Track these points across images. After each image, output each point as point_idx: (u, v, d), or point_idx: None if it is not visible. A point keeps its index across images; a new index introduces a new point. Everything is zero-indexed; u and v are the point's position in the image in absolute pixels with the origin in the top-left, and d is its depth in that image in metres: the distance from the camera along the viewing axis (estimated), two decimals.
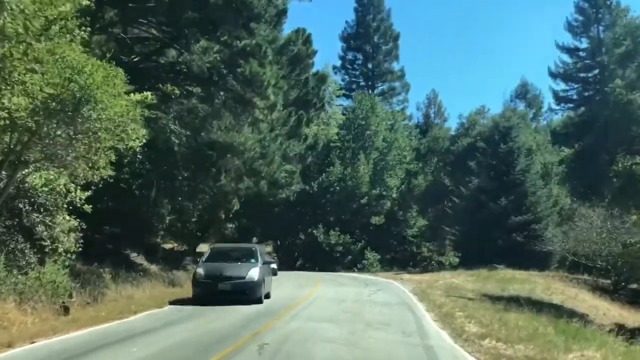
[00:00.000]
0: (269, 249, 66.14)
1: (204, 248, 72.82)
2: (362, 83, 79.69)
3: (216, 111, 27.88)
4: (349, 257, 57.33)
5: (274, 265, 28.72)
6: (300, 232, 59.41)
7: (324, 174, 58.80)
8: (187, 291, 22.90)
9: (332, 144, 60.95)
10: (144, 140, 16.50)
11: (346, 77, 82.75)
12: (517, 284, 33.58)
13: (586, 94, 72.03)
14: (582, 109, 73.08)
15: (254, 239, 72.73)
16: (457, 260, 56.72)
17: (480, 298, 25.35)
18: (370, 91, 73.17)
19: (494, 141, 48.76)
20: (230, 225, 73.22)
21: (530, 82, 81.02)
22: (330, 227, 57.05)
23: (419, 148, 61.46)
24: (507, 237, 45.82)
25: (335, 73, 78.40)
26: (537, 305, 24.84)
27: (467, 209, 48.61)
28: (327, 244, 56.38)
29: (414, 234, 60.11)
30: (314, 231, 56.82)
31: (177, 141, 27.41)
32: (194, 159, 27.63)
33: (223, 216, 52.74)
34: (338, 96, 76.73)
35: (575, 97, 74.66)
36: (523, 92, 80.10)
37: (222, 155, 27.11)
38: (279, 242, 65.35)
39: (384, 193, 60.05)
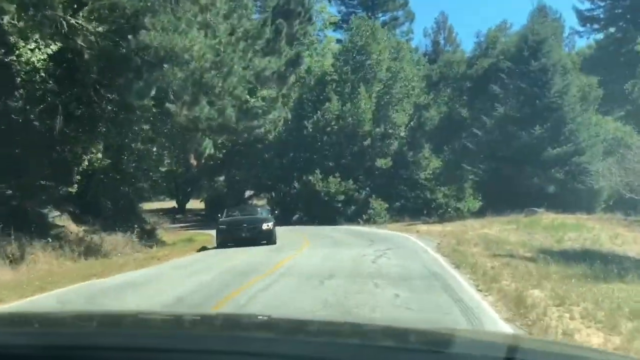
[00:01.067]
0: (263, 202, 58.14)
1: (196, 204, 64.29)
2: (361, 13, 70.33)
3: (149, 6, 19.39)
4: (352, 207, 49.11)
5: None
6: (295, 181, 51.04)
7: (319, 112, 50.16)
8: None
9: (327, 77, 52.13)
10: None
11: (342, 7, 73.60)
12: (572, 232, 25.22)
13: (616, 11, 63.11)
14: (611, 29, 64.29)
15: (247, 193, 64.85)
16: (478, 204, 48.77)
17: (541, 257, 16.93)
18: None
19: (522, 59, 39.84)
20: (220, 178, 65.26)
21: (549, 4, 71.42)
22: (328, 173, 48.70)
23: (430, 75, 52.49)
24: (544, 173, 37.34)
25: (330, 2, 69.22)
26: (622, 264, 16.38)
27: (492, 142, 39.91)
28: (326, 192, 48.11)
29: (426, 178, 51.67)
30: (310, 178, 48.45)
31: (90, 51, 19.00)
32: (118, 71, 19.17)
33: (195, 162, 44.48)
34: (334, 30, 67.86)
35: (602, 16, 65.82)
36: (541, 17, 70.47)
37: (155, 65, 18.60)
38: (273, 195, 57.11)
39: (390, 131, 51.46)
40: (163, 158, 35.63)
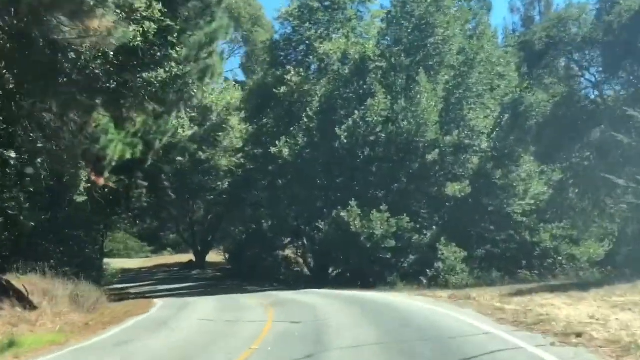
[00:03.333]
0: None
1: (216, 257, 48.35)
2: None
3: None
4: (410, 257, 31.72)
5: None
6: (321, 219, 33.88)
7: (357, 113, 33.05)
8: None
9: (370, 63, 35.03)
10: None
11: None
12: None
13: None
14: None
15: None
16: (602, 250, 31.38)
17: None
18: None
19: None
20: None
21: None
22: (372, 206, 31.42)
23: (531, 41, 34.55)
24: None
25: None
26: None
27: None
28: (367, 236, 30.73)
29: (525, 211, 33.57)
30: (343, 214, 31.19)
31: None
32: None
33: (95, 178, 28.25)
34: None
35: None
36: None
37: None
38: (305, 242, 40.00)
39: (467, 141, 33.79)
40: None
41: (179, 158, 34.39)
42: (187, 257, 60.59)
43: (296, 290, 30.65)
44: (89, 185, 23.40)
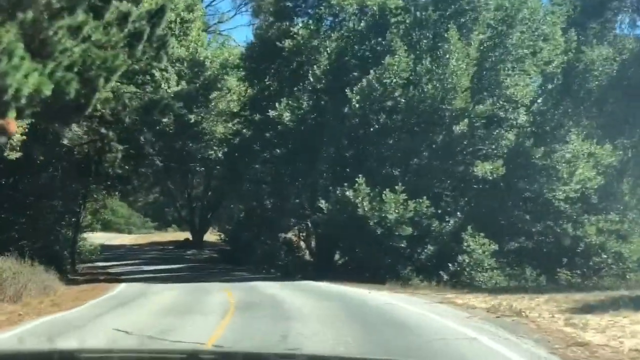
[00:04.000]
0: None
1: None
2: None
3: None
4: (428, 247, 26.54)
5: None
6: (326, 196, 28.53)
7: (372, 72, 27.57)
8: None
9: (389, 16, 29.45)
10: None
11: None
12: None
13: None
14: None
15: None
16: None
17: None
18: None
19: None
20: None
21: None
22: (385, 185, 26.14)
23: None
24: None
25: None
26: None
27: None
28: (378, 220, 25.52)
29: (568, 197, 28.11)
30: (349, 193, 25.91)
31: None
32: None
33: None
34: None
35: None
36: None
37: None
38: (309, 224, 34.92)
39: (501, 114, 28.31)
40: None
41: (164, 120, 29.14)
42: (187, 235, 55.72)
43: (290, 280, 25.53)
44: (25, 137, 18.25)
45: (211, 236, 51.87)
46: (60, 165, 29.10)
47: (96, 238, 64.66)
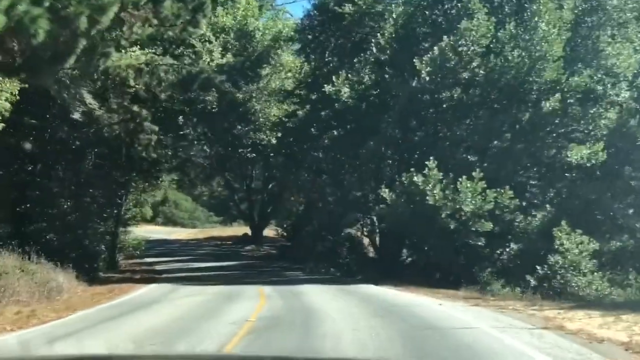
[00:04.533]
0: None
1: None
2: None
3: None
4: (511, 246, 22.26)
5: None
6: (391, 184, 24.49)
7: (446, 40, 23.36)
8: None
9: None
10: None
11: None
12: None
13: None
14: None
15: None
16: None
17: None
18: None
19: None
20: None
21: None
22: (460, 172, 22.03)
23: None
24: None
25: None
26: None
27: None
28: (451, 212, 21.45)
29: None
30: (416, 179, 21.86)
31: None
32: None
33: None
34: None
35: None
36: None
37: None
38: (374, 219, 31.09)
39: (600, 88, 23.74)
40: None
41: (208, 98, 25.66)
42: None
43: (349, 284, 21.68)
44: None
45: (271, 231, 48.49)
46: (93, 151, 26.02)
47: (154, 232, 62.77)
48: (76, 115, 19.22)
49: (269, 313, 13.07)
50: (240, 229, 58.04)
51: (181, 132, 25.57)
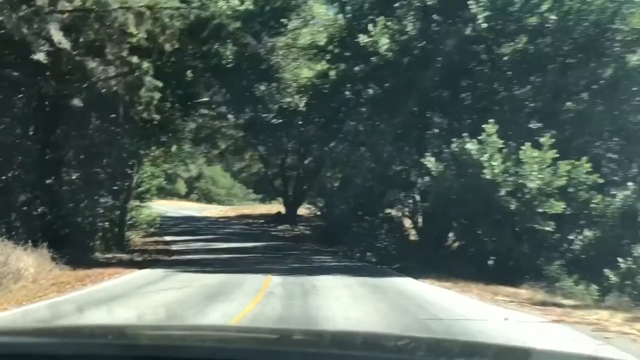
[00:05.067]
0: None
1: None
2: None
3: None
4: (585, 231, 17.88)
5: None
6: (438, 155, 20.20)
7: None
8: None
9: None
10: None
11: None
12: None
13: None
14: None
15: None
16: None
17: None
18: None
19: None
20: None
21: None
22: (523, 138, 17.68)
23: None
24: None
25: None
26: None
27: None
28: (515, 188, 17.18)
29: None
30: (470, 146, 17.60)
31: None
32: None
33: None
34: None
35: None
36: None
37: None
38: (417, 197, 27.07)
39: None
40: None
41: (221, 50, 21.68)
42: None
43: (381, 275, 17.63)
44: None
45: (305, 210, 44.70)
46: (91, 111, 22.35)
47: (185, 208, 59.64)
48: (39, 56, 15.39)
49: (257, 317, 9.17)
50: (277, 207, 54.62)
51: (191, 90, 21.54)
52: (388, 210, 30.40)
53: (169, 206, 58.35)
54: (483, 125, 17.55)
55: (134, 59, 19.90)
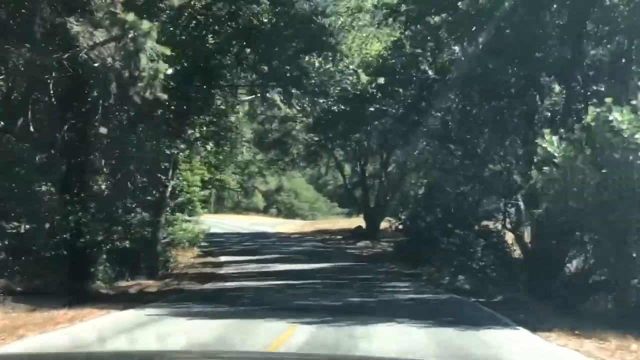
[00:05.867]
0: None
1: None
2: None
3: None
4: None
5: None
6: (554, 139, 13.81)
7: None
8: None
9: None
10: None
11: None
12: None
13: None
14: None
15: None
16: None
17: None
18: None
19: None
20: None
21: None
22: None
23: None
24: None
25: None
26: None
27: None
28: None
29: None
30: (613, 115, 11.14)
31: None
32: None
33: None
34: None
35: None
36: None
37: None
38: (520, 203, 20.60)
39: None
40: None
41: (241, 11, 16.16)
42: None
43: (477, 315, 11.58)
44: None
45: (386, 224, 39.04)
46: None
47: (258, 223, 54.95)
48: None
49: None
50: (358, 221, 49.24)
51: (209, 64, 15.92)
52: (485, 222, 24.34)
53: (243, 222, 53.98)
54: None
55: (129, 17, 14.46)
